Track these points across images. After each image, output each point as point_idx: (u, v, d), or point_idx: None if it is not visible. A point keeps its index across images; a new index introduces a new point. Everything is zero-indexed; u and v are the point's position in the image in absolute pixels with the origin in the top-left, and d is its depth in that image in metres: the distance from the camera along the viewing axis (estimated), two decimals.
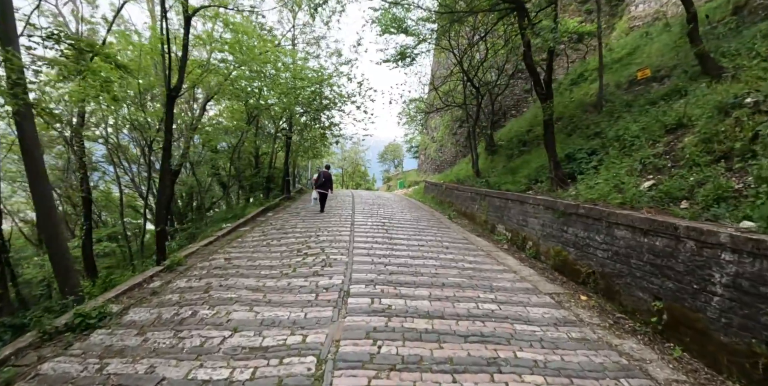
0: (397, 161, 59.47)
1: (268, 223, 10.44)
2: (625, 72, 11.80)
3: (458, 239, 8.83)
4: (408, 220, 11.02)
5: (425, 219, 11.56)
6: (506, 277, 6.02)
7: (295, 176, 31.20)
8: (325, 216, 11.09)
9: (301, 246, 7.41)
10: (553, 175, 8.84)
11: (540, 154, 12.08)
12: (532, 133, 14.84)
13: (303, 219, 10.69)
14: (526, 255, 7.72)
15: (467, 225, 11.46)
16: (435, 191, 19.11)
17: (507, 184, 11.21)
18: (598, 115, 10.89)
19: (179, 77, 7.56)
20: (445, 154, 28.88)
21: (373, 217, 11.01)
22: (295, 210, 12.73)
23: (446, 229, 10.09)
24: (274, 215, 12.09)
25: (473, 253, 7.48)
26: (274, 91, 16.10)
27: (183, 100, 16.89)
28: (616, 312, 4.99)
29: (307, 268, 5.90)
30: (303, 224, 9.83)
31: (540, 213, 7.58)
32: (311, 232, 8.66)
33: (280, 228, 9.36)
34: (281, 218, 11.26)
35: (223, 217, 11.31)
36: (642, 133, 7.78)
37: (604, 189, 6.65)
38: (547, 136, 9.24)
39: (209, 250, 7.67)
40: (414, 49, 17.30)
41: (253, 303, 4.61)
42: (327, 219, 10.50)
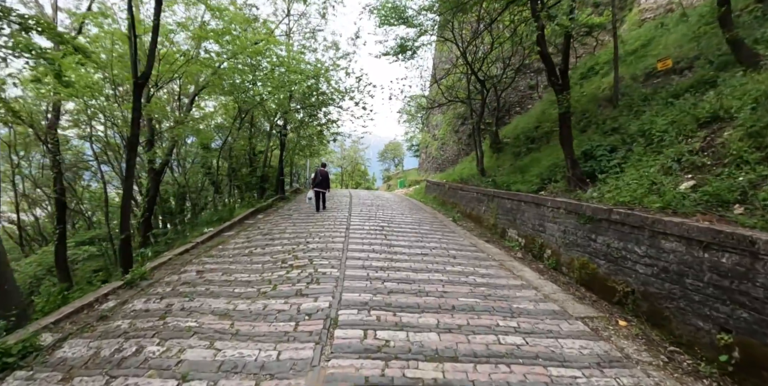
0: (398, 160, 58.50)
1: (255, 227, 9.49)
2: (641, 64, 10.96)
3: (466, 246, 7.87)
4: (409, 224, 10.07)
5: (428, 222, 10.60)
6: (527, 295, 5.06)
7: (293, 175, 30.26)
8: (319, 219, 10.14)
9: (287, 255, 6.46)
10: (571, 174, 7.90)
11: (551, 151, 11.16)
12: (541, 129, 13.89)
13: (294, 222, 9.73)
14: (544, 266, 6.76)
15: (474, 228, 10.50)
16: (437, 191, 18.16)
17: (517, 184, 10.30)
18: (613, 110, 10.05)
19: (148, 63, 6.60)
20: (446, 152, 27.92)
21: (371, 220, 10.06)
22: (288, 212, 11.78)
23: (451, 234, 9.14)
24: (264, 218, 11.13)
25: (484, 264, 6.53)
26: (268, 85, 15.15)
27: (169, 95, 15.94)
28: (667, 343, 4.05)
29: (289, 286, 4.94)
30: (293, 228, 8.87)
31: (561, 217, 6.62)
32: (301, 238, 7.70)
33: (268, 234, 8.40)
34: (271, 221, 10.31)
35: (207, 220, 10.38)
36: (671, 128, 6.90)
37: (638, 190, 5.71)
38: (563, 131, 8.29)
39: (183, 260, 6.71)
40: (415, 42, 16.36)
41: (215, 336, 3.66)
42: (320, 222, 9.55)
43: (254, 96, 15.31)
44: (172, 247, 8.01)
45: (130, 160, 6.36)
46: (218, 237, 8.63)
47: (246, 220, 10.68)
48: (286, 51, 15.71)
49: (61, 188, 10.56)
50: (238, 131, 16.00)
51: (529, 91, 23.27)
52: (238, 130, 15.75)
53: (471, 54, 14.87)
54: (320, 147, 25.88)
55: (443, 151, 28.29)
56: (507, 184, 10.87)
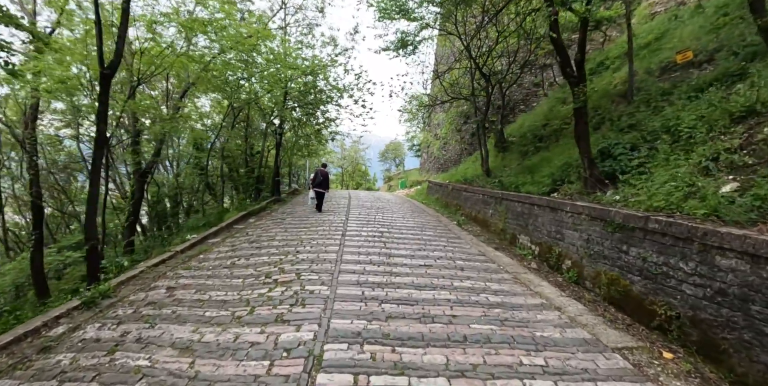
0: (399, 160, 57.75)
1: (244, 233, 8.74)
2: (655, 58, 10.29)
3: (473, 255, 7.10)
4: (411, 228, 9.30)
5: (431, 227, 9.83)
6: (550, 318, 4.29)
7: (291, 176, 29.51)
8: (313, 224, 9.38)
9: (272, 268, 5.70)
10: (588, 175, 7.15)
11: (562, 150, 10.40)
12: (549, 127, 13.13)
13: (286, 228, 8.97)
14: (564, 279, 5.99)
15: (480, 233, 9.74)
16: (440, 192, 17.39)
17: (526, 185, 9.56)
18: (628, 106, 9.39)
19: (116, 51, 5.86)
20: (449, 152, 27.15)
21: (370, 225, 9.29)
22: (281, 216, 11.02)
23: (457, 240, 8.37)
24: (255, 222, 10.38)
25: (496, 277, 5.76)
26: (263, 83, 14.43)
27: (161, 92, 15.22)
28: (728, 384, 3.29)
29: (269, 308, 4.18)
30: (284, 235, 8.11)
31: (582, 224, 5.85)
32: (291, 247, 6.94)
33: (255, 241, 7.65)
34: (262, 226, 9.55)
35: (193, 225, 9.64)
36: (700, 124, 6.18)
37: (674, 194, 4.95)
38: (579, 127, 7.55)
39: (156, 273, 5.96)
40: (416, 36, 15.60)
41: (167, 381, 2.90)
42: (314, 228, 8.79)
43: (248, 93, 14.59)
44: (150, 256, 7.26)
45: (95, 161, 5.61)
46: (201, 244, 7.88)
47: (235, 225, 9.93)
48: (282, 47, 14.99)
49: (37, 191, 9.83)
50: (231, 130, 15.27)
51: (534, 89, 22.52)
52: (231, 128, 15.03)
53: (475, 48, 14.12)
54: (319, 146, 25.14)
55: (445, 150, 27.53)
56: (515, 185, 10.14)
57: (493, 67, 15.00)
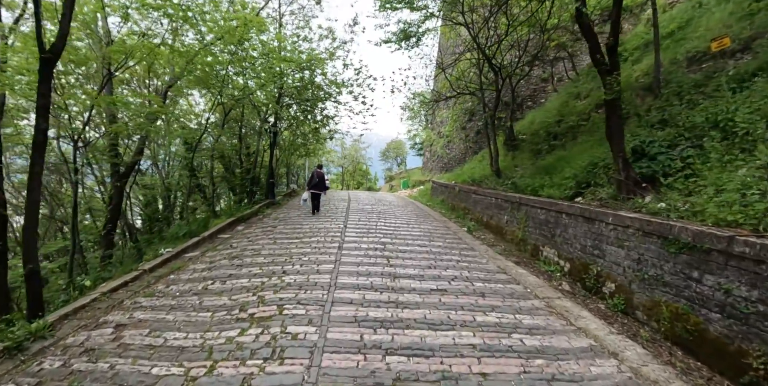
0: (400, 159, 56.65)
1: (227, 245, 7.69)
2: (680, 48, 9.33)
3: (492, 273, 6.04)
4: (417, 238, 8.24)
5: (439, 236, 8.77)
6: (608, 373, 3.23)
7: (290, 176, 28.45)
8: (306, 233, 8.32)
9: (250, 296, 4.64)
10: (624, 177, 6.10)
11: (583, 148, 9.36)
12: (564, 124, 12.05)
13: (275, 238, 7.91)
14: (607, 307, 4.93)
15: (494, 242, 8.68)
16: (445, 194, 16.33)
17: (545, 188, 8.54)
18: (656, 99, 8.40)
19: (61, 31, 4.80)
20: (453, 150, 26.08)
21: (371, 235, 8.22)
22: (273, 223, 9.96)
23: (470, 253, 7.31)
24: (243, 230, 9.33)
25: (526, 306, 4.70)
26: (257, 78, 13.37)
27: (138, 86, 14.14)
28: None
29: (234, 365, 3.12)
30: (272, 248, 7.05)
31: (631, 240, 4.79)
32: (277, 265, 5.88)
33: (238, 257, 6.59)
34: (250, 235, 8.50)
35: (174, 234, 8.61)
36: (758, 118, 5.20)
37: (756, 205, 3.90)
38: (612, 122, 6.51)
39: (112, 301, 4.91)
40: (419, 27, 14.52)
41: None
42: (307, 238, 7.73)
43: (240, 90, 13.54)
44: (113, 277, 6.21)
45: (34, 165, 4.55)
46: (176, 260, 6.83)
47: (220, 234, 8.87)
48: (276, 37, 13.93)
49: (1, 199, 8.76)
50: (222, 129, 14.22)
51: (543, 84, 21.47)
52: (222, 127, 13.99)
53: (483, 39, 13.03)
54: (317, 146, 24.08)
55: (449, 149, 26.45)
56: (532, 187, 9.12)
57: (502, 60, 13.92)
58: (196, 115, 18.58)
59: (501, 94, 13.83)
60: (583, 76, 14.86)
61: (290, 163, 26.83)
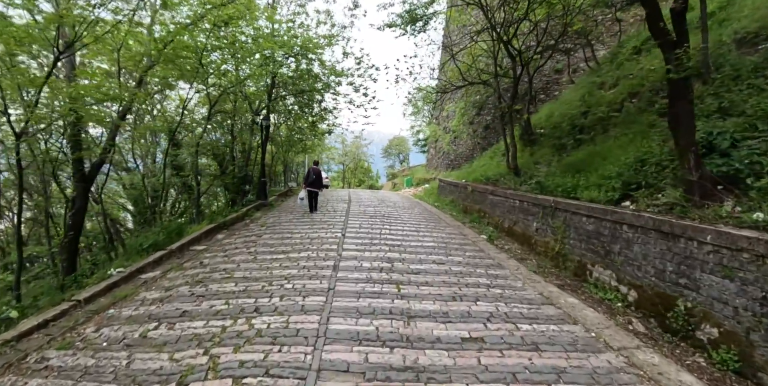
0: (403, 156, 55.10)
1: (197, 262, 6.21)
2: (725, 30, 8.33)
3: (537, 304, 4.55)
4: (431, 251, 6.75)
5: (457, 247, 7.28)
6: None
7: (288, 174, 26.98)
8: (296, 245, 6.84)
9: (198, 357, 3.16)
10: (696, 177, 4.62)
11: (620, 142, 7.96)
12: (592, 115, 10.52)
13: (257, 253, 6.42)
14: (711, 364, 3.45)
15: (522, 254, 7.21)
16: (455, 193, 14.84)
17: (581, 190, 7.12)
18: (706, 85, 7.02)
19: None
20: (459, 146, 24.56)
21: (374, 247, 6.74)
22: (259, 230, 8.48)
23: (499, 272, 5.82)
24: (223, 239, 7.88)
25: (601, 365, 3.21)
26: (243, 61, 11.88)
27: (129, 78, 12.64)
28: None
29: None
30: (249, 267, 5.58)
31: (748, 269, 3.32)
32: (250, 297, 4.40)
33: (203, 281, 5.11)
34: (228, 247, 7.03)
35: (136, 246, 7.12)
36: None
37: None
38: (680, 109, 5.09)
39: (11, 356, 3.46)
40: (427, 8, 13.00)
41: None
42: (295, 253, 6.26)
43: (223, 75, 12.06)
44: (42, 309, 4.74)
45: None
46: (128, 283, 5.36)
47: (193, 246, 7.41)
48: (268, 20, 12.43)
49: None
50: (208, 121, 12.73)
51: (556, 76, 19.99)
52: (208, 120, 12.52)
53: (500, 20, 11.47)
54: (315, 141, 22.62)
55: (456, 145, 24.92)
56: (563, 188, 7.67)
57: (521, 45, 12.39)
58: (189, 111, 17.11)
59: (519, 82, 12.30)
60: (605, 65, 13.36)
61: (288, 160, 25.38)
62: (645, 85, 9.28)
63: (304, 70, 14.73)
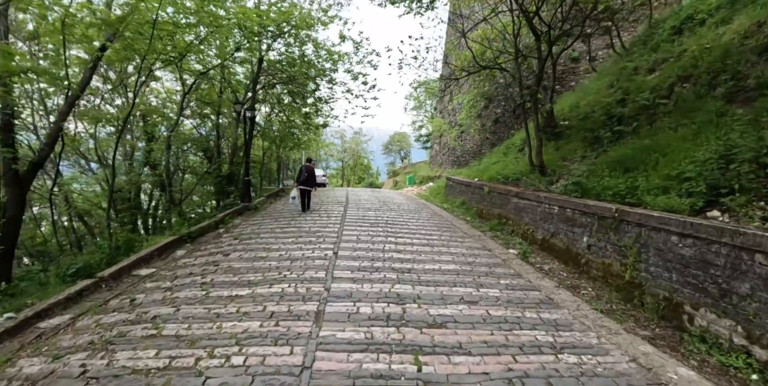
0: (404, 152, 53.23)
1: (127, 299, 4.44)
2: None
3: (636, 379, 2.79)
4: (455, 280, 4.98)
5: (487, 272, 5.50)
6: None
7: (283, 172, 25.17)
8: (270, 273, 5.06)
9: None
10: None
11: (681, 134, 6.47)
12: (633, 103, 8.77)
13: (214, 285, 4.64)
14: None
15: (571, 278, 5.45)
16: (466, 194, 13.06)
17: (641, 193, 5.46)
18: None
19: None
20: (467, 142, 22.74)
21: (376, 277, 4.95)
22: (228, 246, 6.69)
23: (558, 315, 4.05)
24: (181, 258, 6.10)
25: None
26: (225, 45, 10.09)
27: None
28: None
29: None
30: (193, 314, 3.80)
31: None
32: (171, 383, 2.66)
33: (117, 340, 3.34)
34: (180, 274, 5.26)
35: (61, 273, 5.30)
36: None
37: None
38: None
39: None
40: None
41: None
42: (266, 286, 4.48)
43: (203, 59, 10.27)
44: None
45: None
46: (13, 340, 3.60)
47: (138, 269, 5.61)
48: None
49: None
50: (181, 112, 10.94)
51: (572, 65, 18.18)
52: (181, 109, 10.74)
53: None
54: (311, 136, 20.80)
55: (463, 140, 23.11)
56: (613, 190, 6.01)
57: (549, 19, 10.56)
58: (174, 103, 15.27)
59: (545, 64, 10.50)
60: (636, 48, 11.55)
61: (282, 157, 23.58)
62: (699, 67, 7.56)
63: (295, 55, 12.94)
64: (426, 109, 41.31)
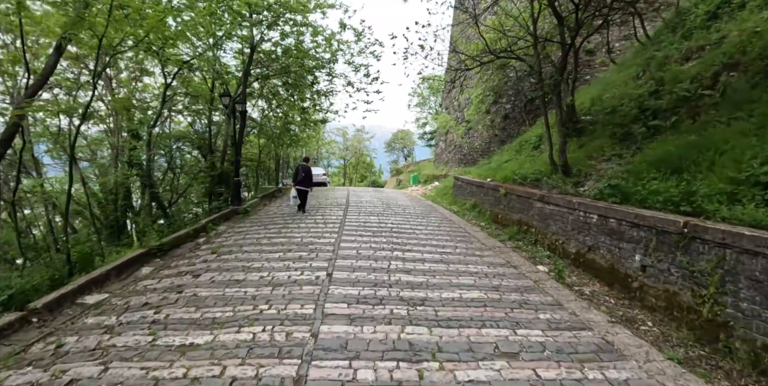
0: (407, 150, 52.05)
1: (52, 345, 3.38)
2: None
3: None
4: (482, 315, 3.89)
5: (519, 300, 4.40)
6: None
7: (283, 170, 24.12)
8: (243, 307, 3.99)
9: None
10: None
11: (742, 129, 5.19)
12: (669, 95, 7.65)
13: (168, 325, 3.56)
14: None
15: (621, 308, 4.35)
16: (477, 195, 11.96)
17: (704, 201, 4.33)
18: None
19: None
20: (475, 139, 21.59)
21: (379, 312, 3.86)
22: (204, 263, 5.63)
23: (629, 372, 2.95)
24: (143, 279, 5.05)
25: None
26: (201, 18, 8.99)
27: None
28: None
29: None
30: (143, 367, 2.77)
31: None
32: None
33: None
34: (133, 304, 4.19)
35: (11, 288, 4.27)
36: None
37: None
38: None
39: None
40: None
41: None
42: (233, 331, 3.40)
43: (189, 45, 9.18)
44: None
45: None
46: None
47: (88, 294, 4.56)
48: None
49: None
50: (163, 105, 9.88)
51: (587, 58, 17.08)
52: (162, 102, 9.68)
53: None
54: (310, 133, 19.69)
55: (470, 137, 21.95)
56: (664, 196, 4.92)
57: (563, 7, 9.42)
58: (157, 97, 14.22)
59: (569, 51, 9.36)
60: (665, 35, 10.36)
61: (281, 155, 22.51)
62: (749, 53, 6.45)
63: (291, 44, 11.85)
64: (430, 105, 40.08)
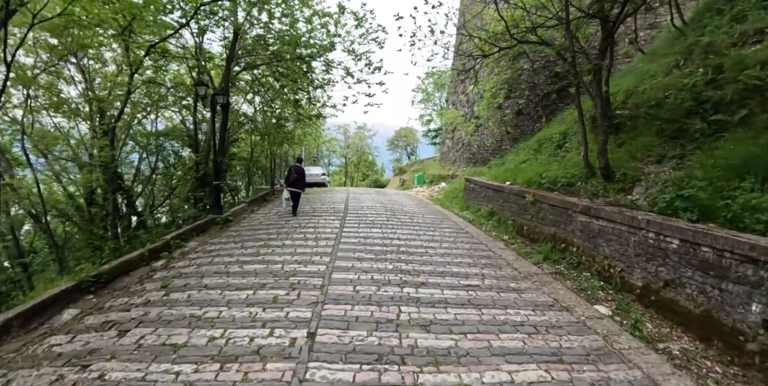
0: (411, 148, 50.46)
1: None
2: None
3: None
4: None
5: (588, 372, 2.91)
6: None
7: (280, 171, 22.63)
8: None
9: None
10: None
11: None
12: (732, 83, 6.07)
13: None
14: None
15: (730, 379, 2.83)
16: (495, 201, 10.43)
17: None
18: None
19: None
20: (486, 137, 20.03)
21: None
22: (152, 304, 4.15)
23: None
24: (58, 332, 3.59)
25: None
26: None
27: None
28: None
29: None
30: None
31: None
32: None
33: None
34: (23, 382, 2.76)
35: None
36: None
37: None
38: None
39: None
40: None
41: None
42: None
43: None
44: None
45: None
46: None
47: None
48: None
49: None
50: (128, 96, 8.40)
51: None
52: (128, 93, 8.21)
53: None
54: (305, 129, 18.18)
55: (481, 134, 20.39)
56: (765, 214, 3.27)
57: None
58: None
59: (614, 29, 7.83)
60: (708, 19, 8.76)
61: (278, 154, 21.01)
62: None
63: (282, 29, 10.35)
64: (435, 101, 38.48)
